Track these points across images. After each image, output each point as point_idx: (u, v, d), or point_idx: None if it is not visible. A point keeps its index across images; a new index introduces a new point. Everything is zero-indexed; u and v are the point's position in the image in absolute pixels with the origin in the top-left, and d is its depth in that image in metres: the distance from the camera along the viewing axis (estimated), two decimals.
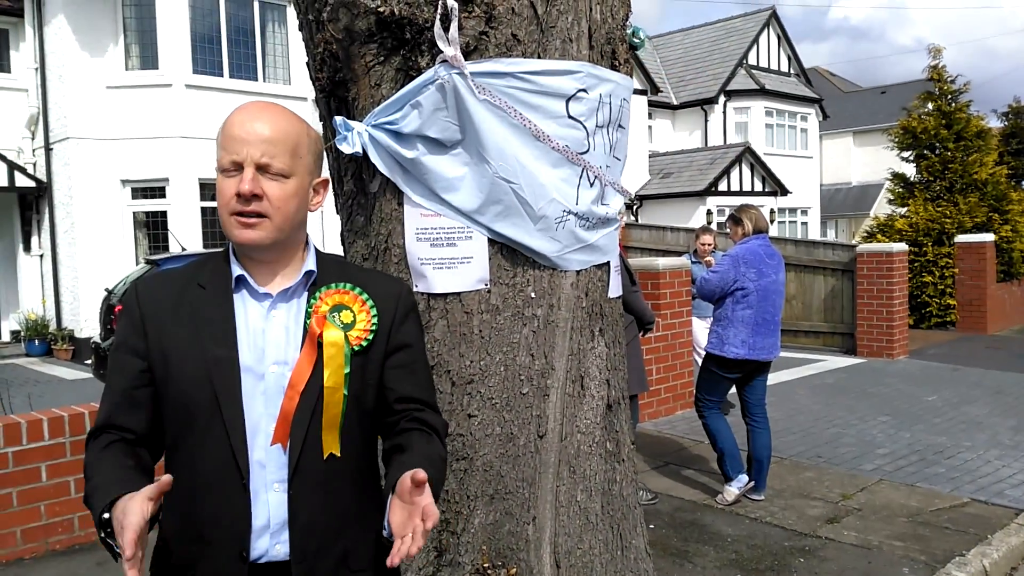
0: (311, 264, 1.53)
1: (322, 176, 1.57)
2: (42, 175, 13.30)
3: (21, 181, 13.16)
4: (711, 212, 20.57)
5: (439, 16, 2.07)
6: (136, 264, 12.32)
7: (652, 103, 23.46)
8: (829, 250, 11.34)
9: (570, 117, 2.20)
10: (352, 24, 2.16)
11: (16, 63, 13.57)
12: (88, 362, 10.91)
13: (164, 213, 12.92)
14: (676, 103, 24.86)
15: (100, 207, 12.64)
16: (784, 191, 22.58)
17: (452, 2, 2.05)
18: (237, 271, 1.49)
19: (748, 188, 21.65)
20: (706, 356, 4.86)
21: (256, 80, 13.61)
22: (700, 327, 7.32)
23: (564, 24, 2.22)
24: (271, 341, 1.46)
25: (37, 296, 13.63)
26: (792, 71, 26.38)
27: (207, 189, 12.82)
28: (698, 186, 20.75)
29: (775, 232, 21.60)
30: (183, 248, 10.79)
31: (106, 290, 10.07)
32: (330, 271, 1.55)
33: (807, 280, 11.41)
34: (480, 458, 2.25)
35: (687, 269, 7.31)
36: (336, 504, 1.48)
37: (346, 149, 2.19)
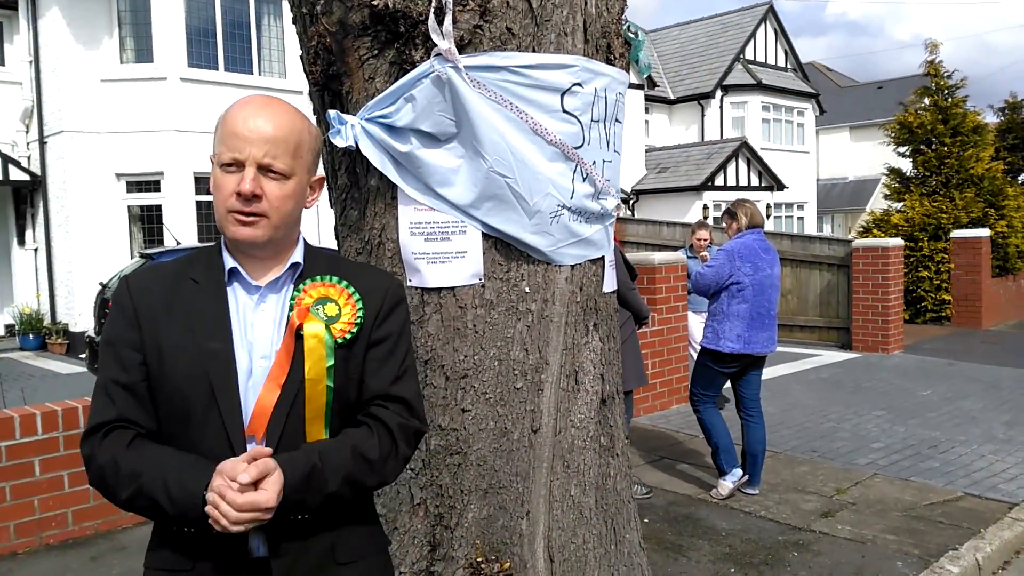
0: (298, 256, 1.52)
1: (318, 174, 1.56)
2: (36, 168, 13.25)
3: (15, 174, 13.11)
4: (707, 207, 20.56)
5: (433, 9, 2.06)
6: (131, 258, 12.28)
7: (649, 97, 23.45)
8: (825, 245, 11.34)
9: (564, 111, 2.19)
10: (346, 17, 2.15)
11: (10, 56, 13.51)
12: (82, 356, 10.88)
13: (159, 207, 12.88)
14: (673, 97, 24.84)
15: (95, 201, 12.59)
16: (780, 186, 22.58)
17: None
18: (230, 264, 1.48)
19: (744, 183, 21.65)
20: (701, 351, 4.86)
21: (251, 74, 13.54)
22: (696, 322, 7.32)
23: (559, 18, 2.21)
24: (260, 334, 1.46)
25: (31, 290, 13.58)
26: (789, 66, 26.36)
27: (202, 183, 12.77)
28: (694, 181, 20.74)
29: (771, 227, 21.63)
30: (178, 242, 10.75)
31: (100, 284, 10.04)
32: (319, 264, 1.54)
33: (803, 275, 11.41)
34: (474, 453, 2.25)
35: (683, 264, 7.32)
36: None
37: (339, 143, 2.18)
